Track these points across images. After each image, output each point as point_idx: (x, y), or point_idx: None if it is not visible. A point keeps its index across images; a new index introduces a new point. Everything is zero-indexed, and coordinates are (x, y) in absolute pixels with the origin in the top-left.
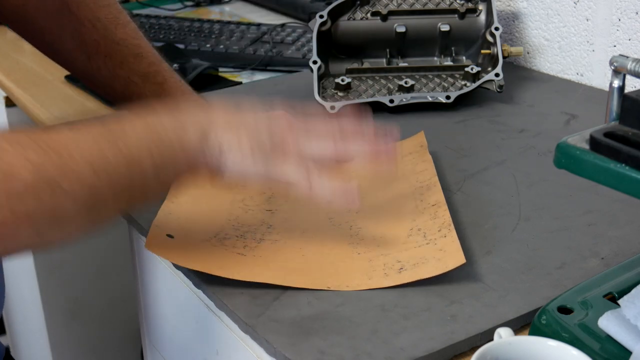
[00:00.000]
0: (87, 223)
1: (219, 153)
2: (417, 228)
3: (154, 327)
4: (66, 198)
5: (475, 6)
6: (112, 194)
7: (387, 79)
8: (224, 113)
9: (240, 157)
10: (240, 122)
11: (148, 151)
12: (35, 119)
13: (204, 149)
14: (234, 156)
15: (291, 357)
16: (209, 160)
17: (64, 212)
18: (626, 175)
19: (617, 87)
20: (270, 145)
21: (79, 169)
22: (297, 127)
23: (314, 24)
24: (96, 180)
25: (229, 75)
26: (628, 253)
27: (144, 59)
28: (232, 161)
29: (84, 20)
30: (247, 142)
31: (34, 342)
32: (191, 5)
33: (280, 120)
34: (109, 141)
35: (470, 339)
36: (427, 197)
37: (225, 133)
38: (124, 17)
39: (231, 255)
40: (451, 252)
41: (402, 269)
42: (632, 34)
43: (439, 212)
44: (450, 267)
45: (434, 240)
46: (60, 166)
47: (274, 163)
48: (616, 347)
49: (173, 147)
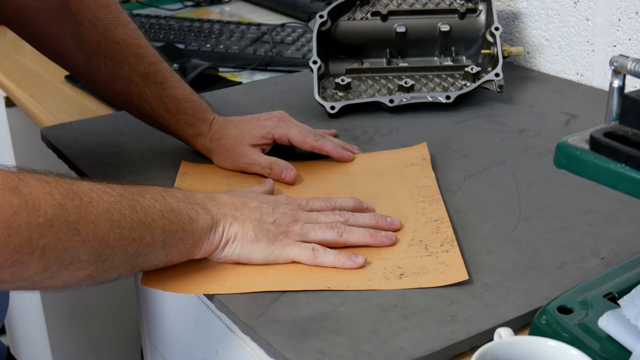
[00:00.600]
0: (91, 274)
1: (224, 243)
2: (418, 239)
3: (154, 327)
4: (80, 242)
5: (475, 6)
6: (120, 252)
7: (387, 79)
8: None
9: (242, 244)
10: (247, 215)
11: (161, 222)
12: (35, 119)
13: (211, 237)
14: (237, 244)
15: (291, 357)
16: (213, 247)
17: (74, 256)
18: (626, 175)
19: (617, 87)
20: (275, 232)
21: (96, 219)
22: (302, 217)
23: (314, 24)
24: (110, 233)
25: (229, 75)
26: (628, 253)
27: (144, 59)
28: (236, 249)
29: (83, 20)
30: (252, 231)
31: (34, 342)
32: (191, 5)
33: (285, 211)
34: (128, 202)
35: (470, 339)
36: (429, 213)
37: (231, 225)
38: (124, 17)
39: (228, 267)
40: (454, 266)
41: (402, 275)
42: (632, 34)
43: (442, 227)
44: (452, 281)
45: (435, 253)
46: (80, 211)
47: (277, 246)
48: (616, 347)
49: (184, 226)
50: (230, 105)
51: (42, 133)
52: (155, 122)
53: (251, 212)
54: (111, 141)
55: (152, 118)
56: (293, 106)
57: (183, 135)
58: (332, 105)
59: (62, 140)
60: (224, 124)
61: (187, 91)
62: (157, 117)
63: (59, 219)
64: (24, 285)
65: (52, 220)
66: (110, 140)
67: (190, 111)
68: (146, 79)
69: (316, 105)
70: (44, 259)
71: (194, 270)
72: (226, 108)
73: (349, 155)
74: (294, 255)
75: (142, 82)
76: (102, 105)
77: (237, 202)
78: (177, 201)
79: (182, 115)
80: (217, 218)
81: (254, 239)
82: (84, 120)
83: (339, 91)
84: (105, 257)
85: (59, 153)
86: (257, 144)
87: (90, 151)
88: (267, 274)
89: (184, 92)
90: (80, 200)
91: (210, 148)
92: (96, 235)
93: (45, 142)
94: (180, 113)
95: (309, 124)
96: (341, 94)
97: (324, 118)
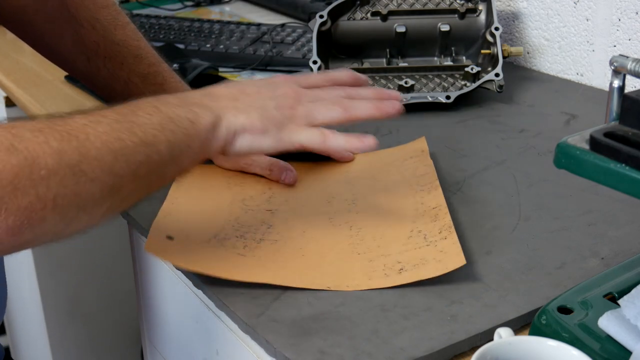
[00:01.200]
0: (110, 207)
1: (233, 136)
2: (417, 230)
3: (154, 327)
4: (89, 182)
5: (475, 6)
6: (132, 178)
7: (387, 79)
8: (231, 97)
9: (252, 136)
10: (248, 104)
11: (163, 135)
12: None
13: (217, 134)
14: (247, 136)
15: (291, 357)
16: (221, 142)
17: (88, 196)
18: (626, 175)
19: (617, 87)
20: (280, 118)
21: (98, 153)
22: (304, 97)
23: (314, 24)
24: (116, 164)
25: (229, 75)
26: (628, 253)
27: (143, 60)
28: (246, 140)
29: (83, 21)
30: (259, 120)
31: (34, 342)
32: (191, 5)
33: (286, 91)
34: (125, 126)
35: (470, 339)
36: (427, 201)
37: (236, 117)
38: (123, 18)
39: (231, 255)
40: (451, 253)
41: (402, 269)
42: (632, 34)
43: (440, 214)
44: (451, 268)
45: (434, 242)
46: (80, 151)
47: (286, 133)
48: (616, 347)
49: (186, 131)
50: None
51: None
52: None
53: (252, 99)
54: None
55: None
56: None
57: None
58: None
59: None
60: None
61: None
62: None
63: (61, 166)
64: (48, 238)
65: (55, 169)
66: None
67: None
68: (145, 80)
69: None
70: (59, 209)
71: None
72: None
73: (349, 156)
74: (303, 140)
75: (142, 83)
76: (102, 105)
77: (235, 92)
78: (173, 107)
79: None
80: (219, 112)
81: (262, 129)
82: None
83: None
84: (118, 187)
85: None
86: None
87: None
88: (268, 268)
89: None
90: (77, 140)
91: None
92: (103, 170)
93: None
94: None
95: None
96: None
97: None
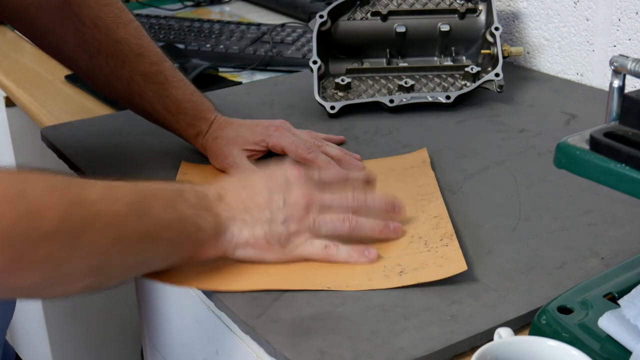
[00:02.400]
0: (91, 284)
1: (233, 248)
2: (418, 236)
3: (154, 327)
4: (80, 255)
5: (475, 6)
6: (120, 264)
7: (387, 79)
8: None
9: (254, 250)
10: (257, 217)
11: (167, 234)
12: (35, 119)
13: (218, 244)
14: (249, 250)
15: (291, 357)
16: (220, 253)
17: (73, 268)
18: (626, 175)
19: (617, 87)
20: (286, 234)
21: (99, 232)
22: (314, 206)
23: (314, 24)
24: (111, 248)
25: (229, 75)
26: (628, 253)
27: (145, 58)
28: (248, 253)
29: (85, 19)
30: (263, 238)
31: (34, 342)
32: (191, 5)
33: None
34: (137, 212)
35: (470, 339)
36: (429, 210)
37: (241, 231)
38: (126, 15)
39: (229, 264)
40: (453, 259)
41: (402, 272)
42: (632, 34)
43: (441, 223)
44: (451, 273)
45: (435, 249)
46: (84, 224)
47: (290, 248)
48: (616, 347)
49: (190, 237)
50: (230, 105)
51: (42, 133)
52: (157, 121)
53: (261, 211)
54: (111, 141)
55: (154, 117)
56: (293, 106)
57: (184, 134)
58: (332, 105)
59: (62, 140)
60: (223, 124)
61: (188, 91)
62: (158, 116)
63: (61, 231)
64: (20, 294)
65: (54, 232)
66: (110, 140)
67: (190, 111)
68: (147, 78)
69: (316, 105)
70: (42, 271)
71: (195, 265)
72: (226, 108)
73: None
74: (307, 254)
75: (143, 81)
76: (102, 105)
77: (246, 200)
78: (187, 207)
79: (182, 115)
80: (226, 224)
81: (266, 245)
82: (84, 120)
83: (339, 91)
84: (104, 269)
85: (59, 153)
86: (248, 148)
87: (90, 151)
88: (267, 274)
89: (185, 92)
90: (87, 211)
91: (206, 147)
92: (98, 249)
93: (45, 142)
94: (180, 113)
95: (309, 124)
96: (341, 94)
97: (324, 118)
